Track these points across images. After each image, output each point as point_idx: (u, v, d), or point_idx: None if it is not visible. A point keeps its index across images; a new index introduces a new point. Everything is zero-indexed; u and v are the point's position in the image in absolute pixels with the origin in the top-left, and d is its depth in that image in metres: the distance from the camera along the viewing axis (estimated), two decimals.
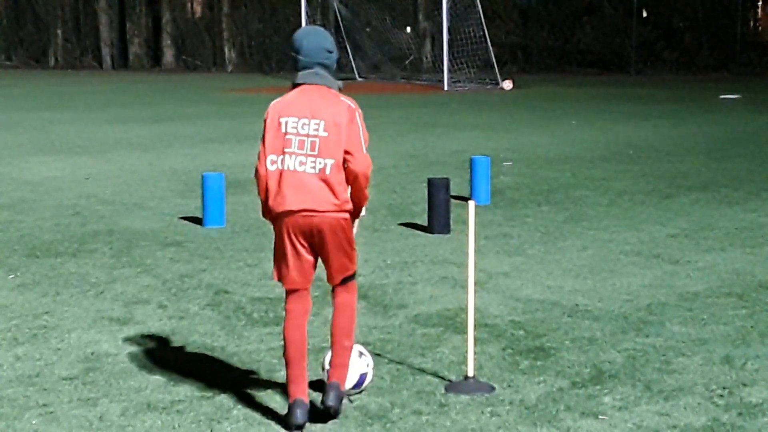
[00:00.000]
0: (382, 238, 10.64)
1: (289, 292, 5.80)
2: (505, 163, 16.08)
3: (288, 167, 5.59)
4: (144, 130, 21.83)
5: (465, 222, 11.43)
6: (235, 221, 11.45)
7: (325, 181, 5.59)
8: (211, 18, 51.74)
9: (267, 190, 5.66)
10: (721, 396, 6.12)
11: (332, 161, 5.58)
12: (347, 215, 5.70)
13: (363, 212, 5.85)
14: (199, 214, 11.58)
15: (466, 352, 6.37)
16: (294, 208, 5.59)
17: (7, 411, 5.96)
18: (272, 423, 5.76)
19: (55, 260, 9.69)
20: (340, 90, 5.74)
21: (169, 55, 51.53)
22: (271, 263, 5.84)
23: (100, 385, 6.35)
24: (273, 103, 5.72)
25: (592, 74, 42.00)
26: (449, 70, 34.48)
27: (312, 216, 5.60)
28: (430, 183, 11.01)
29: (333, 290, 5.90)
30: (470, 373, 6.27)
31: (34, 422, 5.80)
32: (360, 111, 5.67)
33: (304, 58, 5.66)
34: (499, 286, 8.69)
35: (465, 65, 34.82)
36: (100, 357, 6.88)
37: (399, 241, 10.40)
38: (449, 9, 34.55)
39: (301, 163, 5.58)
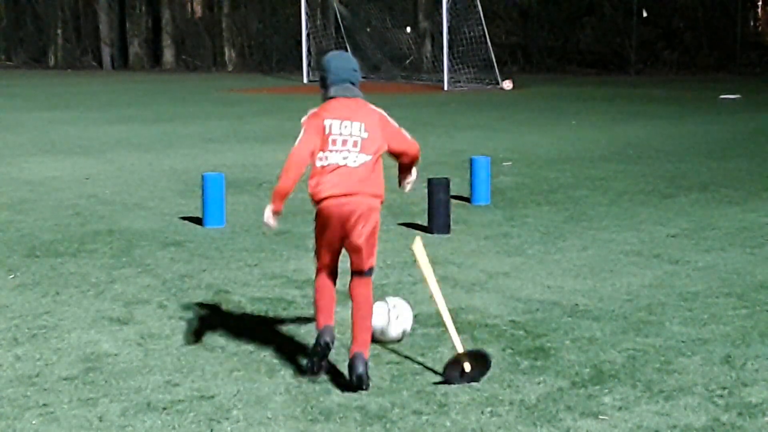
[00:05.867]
0: (382, 238, 10.56)
1: (321, 269, 6.53)
2: (505, 163, 16.09)
3: (333, 162, 6.28)
4: (144, 130, 21.83)
5: (465, 222, 11.46)
6: (235, 221, 11.45)
7: (365, 173, 6.28)
8: (211, 18, 51.74)
9: (295, 176, 6.37)
10: (721, 396, 6.12)
11: (370, 158, 6.32)
12: (379, 207, 6.38)
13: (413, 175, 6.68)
14: (199, 214, 11.58)
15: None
16: (335, 192, 6.25)
17: (7, 411, 5.96)
18: (272, 423, 5.76)
19: (55, 260, 9.69)
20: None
21: (169, 55, 51.52)
22: (272, 263, 5.93)
23: (100, 385, 6.35)
24: (312, 112, 6.44)
25: (592, 74, 41.98)
26: (449, 70, 34.47)
27: (352, 199, 6.27)
28: (430, 183, 11.02)
29: (353, 281, 6.42)
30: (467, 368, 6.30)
31: (34, 422, 5.80)
32: (388, 116, 6.50)
33: (333, 76, 6.45)
34: (499, 286, 8.69)
35: (465, 65, 34.82)
36: (100, 357, 6.88)
37: (399, 241, 10.39)
38: (449, 9, 34.54)
39: (344, 158, 6.29)
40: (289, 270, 9.22)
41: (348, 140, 6.31)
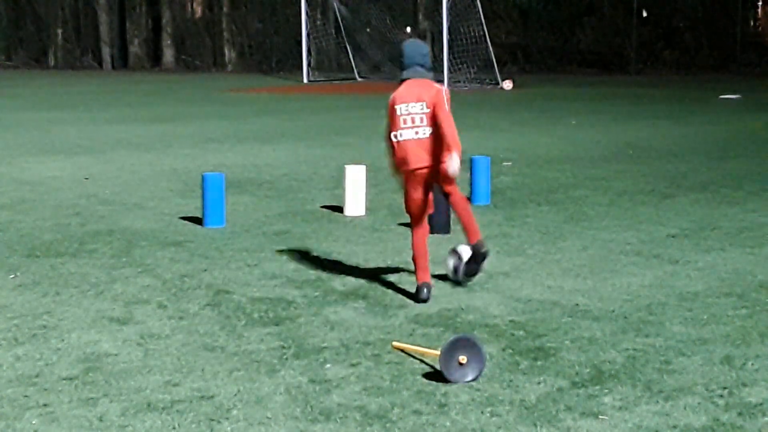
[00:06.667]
0: (382, 238, 10.65)
1: (413, 220, 8.28)
2: (505, 163, 16.09)
3: (405, 138, 8.05)
4: (144, 130, 21.84)
5: None
6: (235, 221, 11.45)
7: (432, 142, 8.03)
8: (211, 18, 51.78)
9: (394, 156, 8.14)
10: (721, 396, 6.12)
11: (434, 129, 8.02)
12: None
13: (455, 162, 7.94)
14: (199, 214, 11.58)
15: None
16: (414, 167, 8.07)
17: (7, 411, 5.95)
18: (272, 423, 5.76)
19: (55, 260, 9.69)
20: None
21: (169, 55, 51.55)
22: (272, 263, 5.93)
23: (100, 385, 6.35)
24: (390, 97, 8.14)
25: (592, 74, 42.01)
26: (449, 70, 34.48)
27: (429, 171, 8.08)
28: None
29: (449, 198, 8.28)
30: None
31: (34, 422, 5.80)
32: (447, 91, 8.13)
33: (406, 60, 8.13)
34: (499, 286, 8.69)
35: (465, 65, 34.83)
36: (100, 357, 6.88)
37: (399, 241, 10.40)
38: (449, 9, 34.56)
39: (415, 133, 8.03)
40: (289, 270, 9.22)
41: (415, 118, 7.98)
